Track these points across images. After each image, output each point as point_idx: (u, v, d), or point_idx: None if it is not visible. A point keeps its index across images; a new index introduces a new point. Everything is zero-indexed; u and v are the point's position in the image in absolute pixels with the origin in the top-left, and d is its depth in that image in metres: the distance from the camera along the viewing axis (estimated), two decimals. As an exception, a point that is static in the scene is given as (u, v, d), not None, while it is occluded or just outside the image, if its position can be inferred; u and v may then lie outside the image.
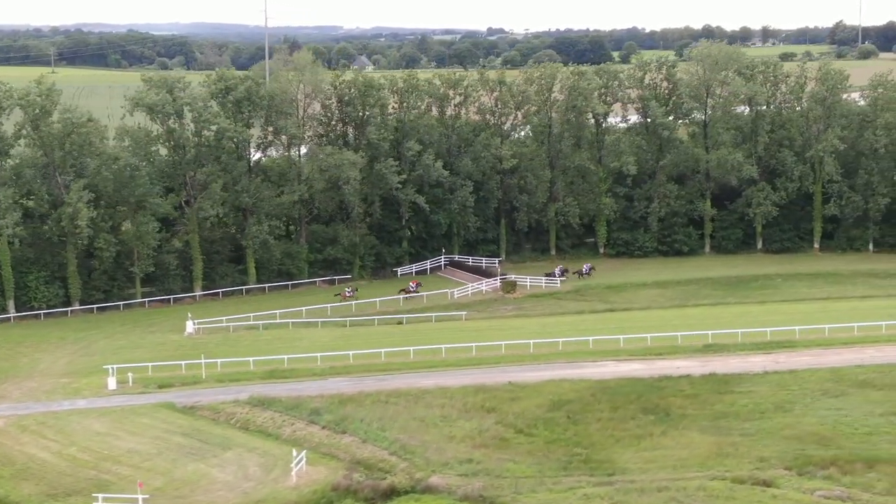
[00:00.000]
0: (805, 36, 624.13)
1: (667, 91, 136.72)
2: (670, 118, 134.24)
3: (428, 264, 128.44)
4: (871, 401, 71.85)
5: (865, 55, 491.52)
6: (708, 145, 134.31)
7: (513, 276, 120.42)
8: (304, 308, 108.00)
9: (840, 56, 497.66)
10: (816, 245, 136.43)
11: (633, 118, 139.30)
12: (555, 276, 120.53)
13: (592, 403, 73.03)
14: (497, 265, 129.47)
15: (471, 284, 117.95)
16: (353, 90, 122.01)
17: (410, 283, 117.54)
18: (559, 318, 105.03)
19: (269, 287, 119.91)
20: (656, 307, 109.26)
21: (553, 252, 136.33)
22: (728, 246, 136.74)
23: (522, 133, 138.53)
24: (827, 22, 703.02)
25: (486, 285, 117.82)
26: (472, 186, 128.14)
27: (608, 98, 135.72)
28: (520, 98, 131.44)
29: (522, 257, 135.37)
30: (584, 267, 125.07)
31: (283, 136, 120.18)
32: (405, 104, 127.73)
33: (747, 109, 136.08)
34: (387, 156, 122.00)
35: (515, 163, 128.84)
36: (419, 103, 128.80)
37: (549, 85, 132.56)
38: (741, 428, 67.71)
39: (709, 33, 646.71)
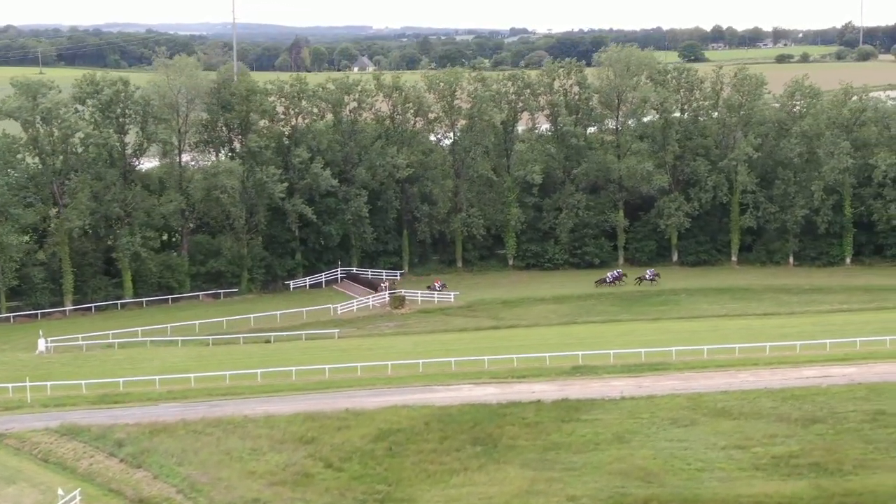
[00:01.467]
0: (818, 37, 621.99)
1: (577, 97, 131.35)
2: (578, 127, 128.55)
3: (323, 277, 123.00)
4: (718, 432, 66.57)
5: (864, 56, 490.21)
6: (620, 154, 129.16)
7: (402, 290, 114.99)
8: (169, 325, 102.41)
9: (840, 58, 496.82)
10: (734, 258, 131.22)
11: (545, 126, 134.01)
12: (606, 282, 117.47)
13: (423, 433, 67.64)
14: (398, 278, 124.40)
15: (356, 300, 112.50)
16: (234, 95, 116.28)
17: (435, 283, 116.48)
18: (437, 336, 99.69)
19: (147, 301, 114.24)
20: (545, 324, 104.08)
21: (459, 264, 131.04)
22: (642, 258, 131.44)
23: (432, 140, 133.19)
24: (838, 22, 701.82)
25: (373, 300, 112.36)
26: (366, 196, 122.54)
27: (518, 104, 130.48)
28: (417, 104, 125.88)
29: (427, 269, 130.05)
30: (648, 273, 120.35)
31: (158, 143, 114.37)
32: (294, 110, 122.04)
33: (657, 116, 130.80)
34: (271, 164, 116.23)
35: (411, 172, 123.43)
36: (312, 109, 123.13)
37: (451, 90, 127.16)
38: (568, 461, 62.44)
39: (718, 34, 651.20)
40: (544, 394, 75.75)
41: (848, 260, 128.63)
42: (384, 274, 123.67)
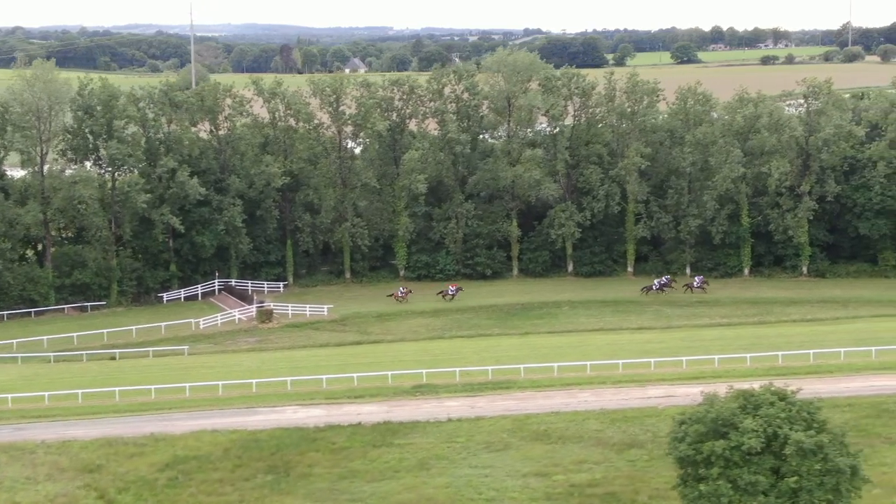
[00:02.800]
0: (819, 38, 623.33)
1: (467, 104, 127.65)
2: (466, 134, 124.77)
3: (199, 289, 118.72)
4: (527, 457, 62.79)
5: (851, 58, 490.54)
6: (512, 162, 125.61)
7: (270, 303, 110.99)
8: (15, 341, 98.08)
9: (827, 59, 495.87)
10: (630, 269, 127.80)
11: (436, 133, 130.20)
12: (654, 289, 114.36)
13: (217, 461, 63.56)
14: (281, 290, 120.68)
15: (221, 313, 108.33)
16: (96, 101, 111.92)
17: (450, 287, 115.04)
18: (293, 353, 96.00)
19: (7, 315, 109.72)
20: (411, 339, 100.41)
21: (348, 275, 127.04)
22: (536, 269, 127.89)
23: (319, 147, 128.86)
24: (835, 24, 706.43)
25: (240, 314, 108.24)
26: (242, 206, 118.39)
27: (405, 111, 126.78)
28: (296, 111, 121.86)
29: (314, 280, 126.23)
30: (696, 280, 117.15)
31: (16, 151, 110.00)
32: (164, 116, 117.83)
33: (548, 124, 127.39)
34: (133, 172, 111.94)
35: (288, 180, 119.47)
36: (183, 116, 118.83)
37: (336, 96, 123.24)
38: (358, 491, 58.50)
39: (718, 34, 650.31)
40: (370, 416, 71.92)
41: (746, 271, 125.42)
42: (265, 286, 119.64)
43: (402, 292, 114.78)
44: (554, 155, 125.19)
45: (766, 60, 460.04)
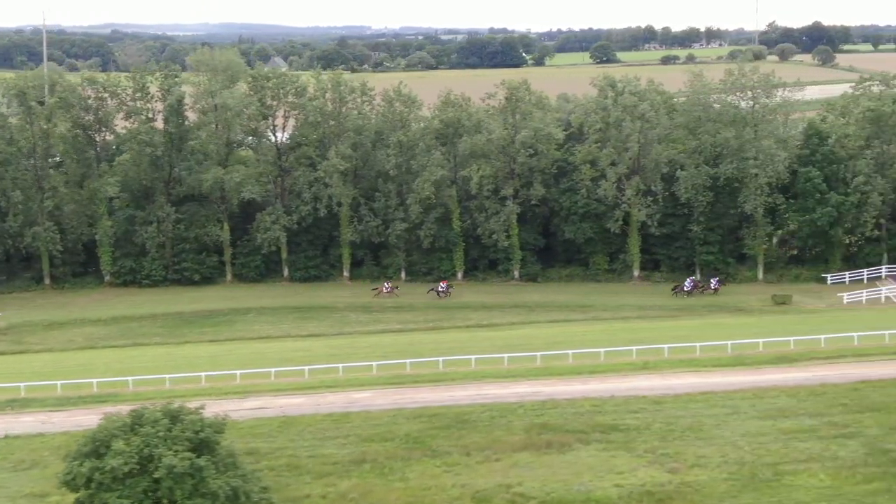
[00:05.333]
0: (753, 38, 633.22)
1: (171, 104, 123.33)
2: (165, 135, 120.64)
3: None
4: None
5: (755, 57, 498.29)
6: (221, 162, 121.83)
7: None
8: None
9: (732, 58, 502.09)
10: (346, 273, 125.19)
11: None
12: (683, 290, 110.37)
13: None
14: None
15: None
16: None
17: (441, 283, 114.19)
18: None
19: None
20: (60, 349, 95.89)
21: (47, 281, 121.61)
22: (250, 274, 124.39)
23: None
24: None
25: None
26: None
27: (100, 112, 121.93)
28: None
29: (10, 287, 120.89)
30: (713, 282, 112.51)
31: None
32: None
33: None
34: None
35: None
36: None
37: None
38: None
39: (651, 34, 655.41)
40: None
41: (460, 275, 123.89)
42: None
43: (387, 287, 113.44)
44: (264, 155, 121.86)
45: (666, 60, 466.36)
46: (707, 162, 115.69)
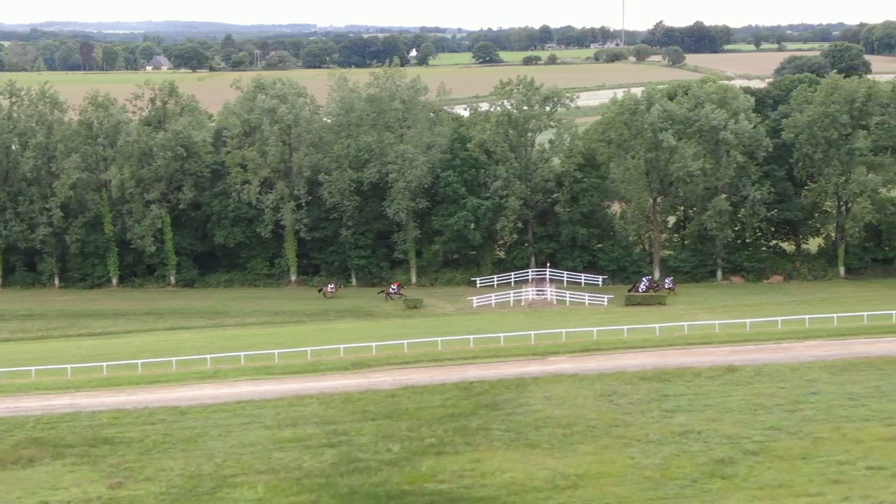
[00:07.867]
0: (634, 38, 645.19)
1: None
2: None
3: None
4: None
5: (613, 58, 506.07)
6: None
7: None
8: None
9: (597, 59, 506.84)
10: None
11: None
12: (639, 290, 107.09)
13: None
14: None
15: None
16: None
17: (393, 286, 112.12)
18: None
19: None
20: None
21: None
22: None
23: None
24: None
25: None
26: None
27: None
28: None
29: None
30: (667, 281, 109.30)
31: None
32: None
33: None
34: None
35: None
36: None
37: None
38: None
39: (546, 34, 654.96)
40: None
41: (115, 281, 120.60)
42: None
43: (331, 288, 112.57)
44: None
45: (528, 61, 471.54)
46: (352, 166, 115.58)
